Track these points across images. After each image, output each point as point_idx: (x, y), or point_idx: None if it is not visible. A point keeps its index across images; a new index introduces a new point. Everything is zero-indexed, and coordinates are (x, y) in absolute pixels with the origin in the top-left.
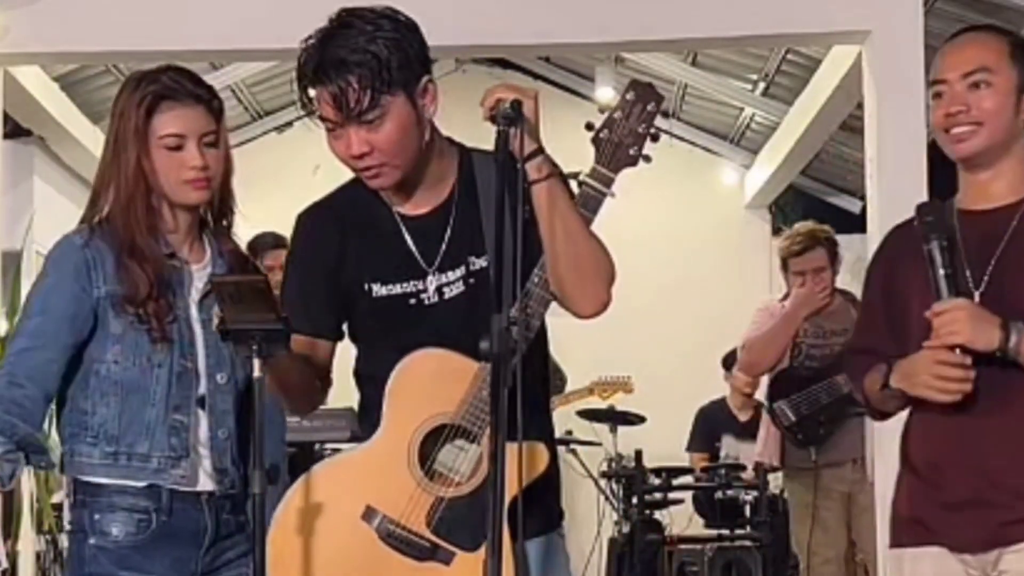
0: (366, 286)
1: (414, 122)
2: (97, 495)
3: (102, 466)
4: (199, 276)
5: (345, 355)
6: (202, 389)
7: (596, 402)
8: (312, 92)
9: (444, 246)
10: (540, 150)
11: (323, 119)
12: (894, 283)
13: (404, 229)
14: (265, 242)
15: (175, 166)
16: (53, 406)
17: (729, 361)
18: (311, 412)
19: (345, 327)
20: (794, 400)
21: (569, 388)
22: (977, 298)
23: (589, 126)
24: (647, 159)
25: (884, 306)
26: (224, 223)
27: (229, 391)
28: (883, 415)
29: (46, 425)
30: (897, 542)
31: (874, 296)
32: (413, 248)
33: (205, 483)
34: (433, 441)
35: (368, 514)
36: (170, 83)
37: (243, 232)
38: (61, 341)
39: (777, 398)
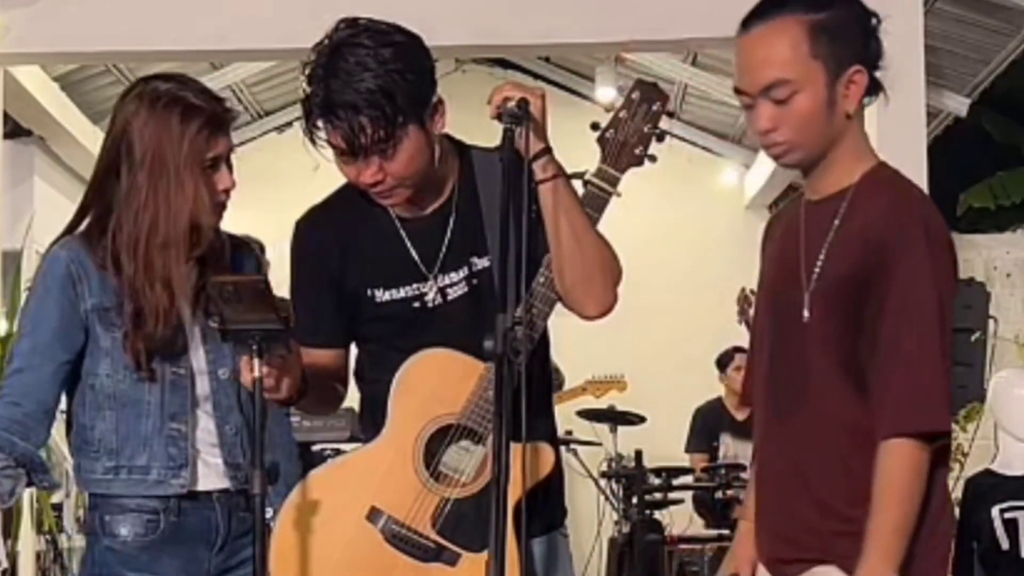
0: (368, 292)
1: (426, 144)
2: (107, 497)
3: (104, 480)
4: (190, 273)
5: None
6: (205, 388)
7: (590, 401)
8: (320, 124)
9: (445, 248)
10: (547, 149)
11: (332, 145)
12: None
13: (403, 232)
14: None
15: (208, 189)
16: (64, 421)
17: (723, 361)
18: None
19: None
20: None
21: (565, 387)
22: None
23: (595, 126)
24: (652, 159)
25: None
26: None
27: (231, 385)
28: None
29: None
30: None
31: None
32: (412, 251)
33: (218, 482)
34: (439, 442)
35: (373, 515)
36: (210, 105)
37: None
38: (56, 358)
39: None
